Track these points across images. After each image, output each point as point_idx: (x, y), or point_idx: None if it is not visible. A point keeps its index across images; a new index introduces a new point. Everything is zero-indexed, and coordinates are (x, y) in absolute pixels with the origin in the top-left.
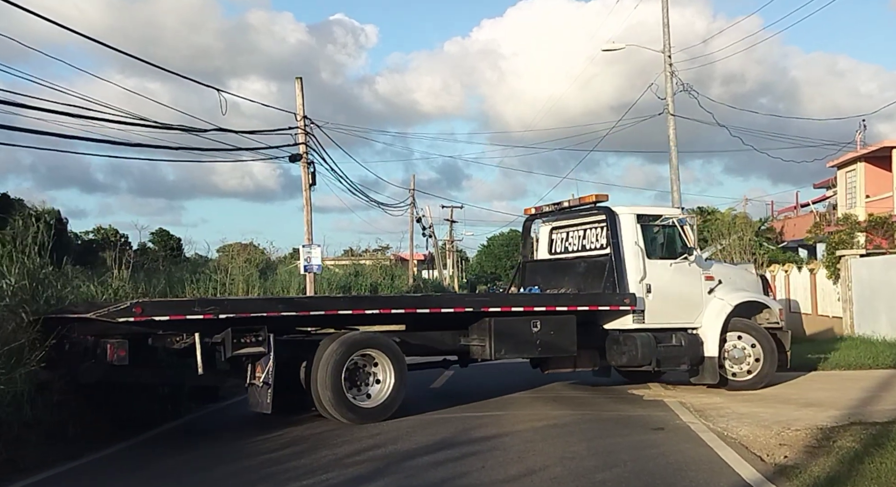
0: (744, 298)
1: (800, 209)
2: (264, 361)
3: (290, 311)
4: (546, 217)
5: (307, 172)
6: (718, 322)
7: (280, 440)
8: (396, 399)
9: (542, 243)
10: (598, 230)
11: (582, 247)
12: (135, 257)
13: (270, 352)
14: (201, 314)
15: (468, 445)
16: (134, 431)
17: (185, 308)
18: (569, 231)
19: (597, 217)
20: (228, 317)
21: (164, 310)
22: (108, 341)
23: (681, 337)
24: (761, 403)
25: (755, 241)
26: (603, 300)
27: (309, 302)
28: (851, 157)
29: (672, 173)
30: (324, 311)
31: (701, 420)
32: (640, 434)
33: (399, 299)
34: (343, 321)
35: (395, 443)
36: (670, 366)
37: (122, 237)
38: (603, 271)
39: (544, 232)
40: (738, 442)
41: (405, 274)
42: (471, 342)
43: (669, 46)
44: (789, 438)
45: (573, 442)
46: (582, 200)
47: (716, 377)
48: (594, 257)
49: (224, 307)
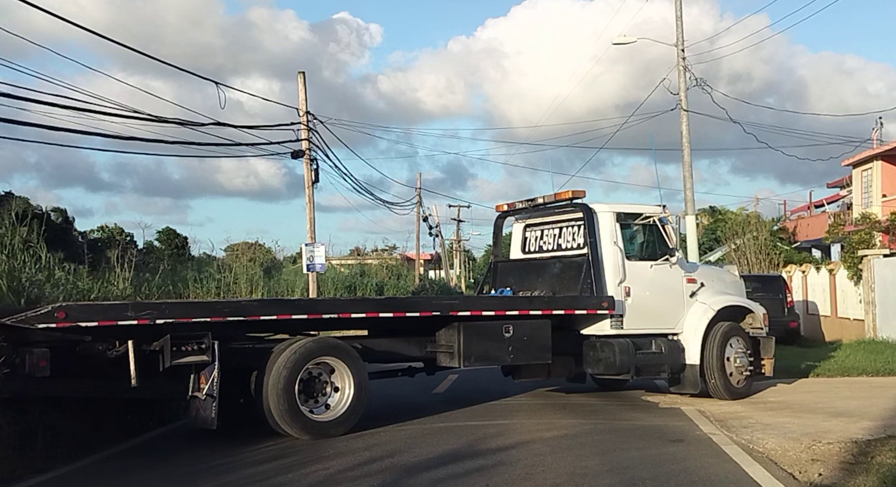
0: (727, 302)
1: (813, 209)
2: (208, 371)
3: (237, 316)
4: (520, 214)
5: (310, 168)
6: (700, 328)
7: (269, 451)
8: (356, 411)
9: (516, 242)
10: (575, 229)
11: (557, 246)
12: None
13: (215, 361)
14: (135, 320)
15: (471, 459)
16: (110, 441)
17: (117, 313)
18: (543, 229)
19: (574, 215)
20: (167, 322)
21: (92, 315)
22: (26, 350)
23: (661, 344)
24: (786, 412)
25: (770, 241)
26: (580, 304)
27: (258, 307)
28: (867, 155)
29: (685, 171)
30: (275, 315)
31: (723, 431)
32: (658, 446)
33: (360, 302)
34: (298, 326)
35: (392, 457)
36: (650, 375)
37: (128, 236)
38: (579, 273)
39: (517, 230)
40: (765, 457)
41: (411, 274)
42: (438, 349)
43: (683, 40)
44: (822, 452)
45: (585, 456)
46: (557, 196)
47: (697, 386)
48: (570, 258)
49: (161, 312)
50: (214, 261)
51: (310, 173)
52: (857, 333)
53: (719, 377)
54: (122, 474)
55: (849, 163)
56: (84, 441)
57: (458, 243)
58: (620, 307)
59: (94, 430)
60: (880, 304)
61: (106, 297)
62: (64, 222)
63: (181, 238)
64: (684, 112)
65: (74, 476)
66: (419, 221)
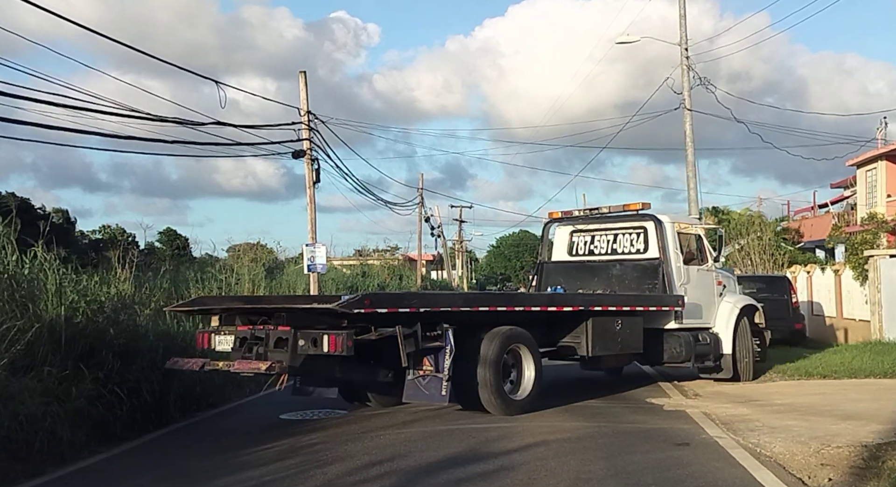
0: (746, 301)
1: (816, 210)
2: (440, 354)
3: (465, 306)
4: (569, 221)
5: (311, 168)
6: (731, 323)
7: (267, 454)
8: (538, 392)
9: (561, 245)
10: (634, 236)
11: (612, 250)
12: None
13: (447, 345)
14: (408, 307)
15: (472, 463)
16: (111, 443)
17: (398, 301)
18: (594, 235)
19: (633, 223)
20: (424, 311)
21: (385, 303)
22: (330, 332)
23: (706, 335)
24: (793, 415)
25: (774, 241)
26: (665, 301)
27: (476, 298)
28: (872, 155)
29: (688, 171)
30: (487, 307)
31: (729, 435)
32: (663, 450)
33: (540, 298)
34: (496, 318)
35: (392, 461)
36: (700, 362)
37: (130, 236)
38: (645, 274)
39: (562, 234)
40: (773, 461)
41: (414, 274)
42: (572, 340)
43: (686, 38)
44: (831, 456)
45: (589, 460)
46: (626, 206)
47: (730, 372)
48: (636, 261)
49: (423, 301)
50: (216, 262)
51: (311, 173)
52: (863, 334)
53: (747, 363)
54: (121, 477)
55: (853, 163)
56: (83, 443)
57: (461, 243)
58: (683, 304)
59: (93, 431)
60: (887, 305)
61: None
62: (65, 222)
63: (182, 239)
64: (688, 111)
65: (70, 478)
66: (421, 221)
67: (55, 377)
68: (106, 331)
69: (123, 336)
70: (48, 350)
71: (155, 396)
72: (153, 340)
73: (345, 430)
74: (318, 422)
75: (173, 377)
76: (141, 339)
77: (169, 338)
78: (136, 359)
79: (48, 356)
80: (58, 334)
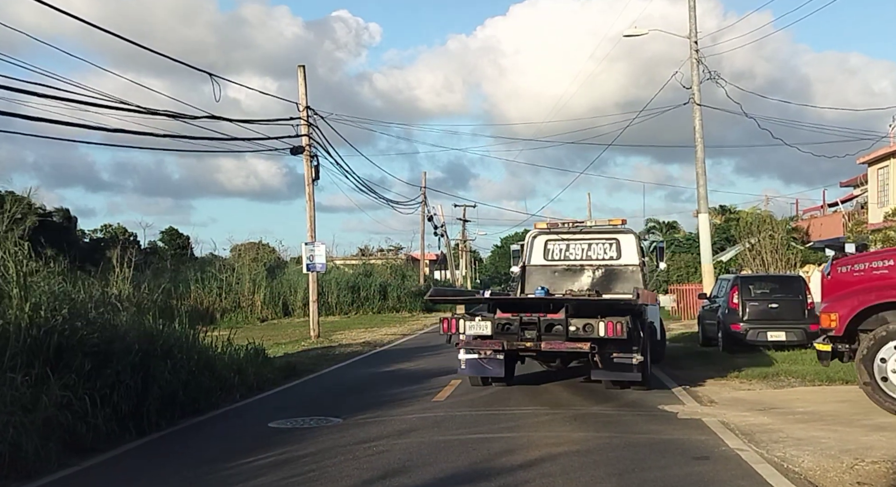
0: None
1: (826, 209)
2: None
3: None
4: (547, 231)
5: (310, 165)
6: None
7: (250, 468)
8: None
9: (537, 251)
10: (607, 245)
11: (587, 257)
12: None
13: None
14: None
15: (474, 481)
16: (83, 454)
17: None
18: (569, 243)
19: (606, 234)
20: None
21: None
22: (608, 319)
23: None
24: (819, 424)
25: (785, 240)
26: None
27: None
28: (884, 152)
29: (698, 167)
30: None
31: (751, 447)
32: (681, 465)
33: None
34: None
35: (385, 479)
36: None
37: (131, 236)
38: (622, 278)
39: (539, 242)
40: (803, 478)
41: (416, 274)
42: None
43: (696, 31)
44: (867, 473)
45: (600, 477)
46: (611, 222)
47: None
48: (615, 267)
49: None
50: (218, 261)
51: (310, 170)
52: None
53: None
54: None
55: (864, 161)
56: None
57: (464, 242)
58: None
59: (64, 442)
60: None
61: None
62: (66, 221)
63: (183, 238)
64: (697, 107)
65: (67, 481)
66: (423, 220)
67: (18, 384)
68: (77, 331)
69: (97, 337)
70: (14, 353)
71: (132, 402)
72: (130, 341)
73: (337, 441)
74: (309, 431)
75: (153, 381)
76: (118, 340)
77: (150, 339)
78: (110, 362)
79: (15, 358)
80: (23, 334)
